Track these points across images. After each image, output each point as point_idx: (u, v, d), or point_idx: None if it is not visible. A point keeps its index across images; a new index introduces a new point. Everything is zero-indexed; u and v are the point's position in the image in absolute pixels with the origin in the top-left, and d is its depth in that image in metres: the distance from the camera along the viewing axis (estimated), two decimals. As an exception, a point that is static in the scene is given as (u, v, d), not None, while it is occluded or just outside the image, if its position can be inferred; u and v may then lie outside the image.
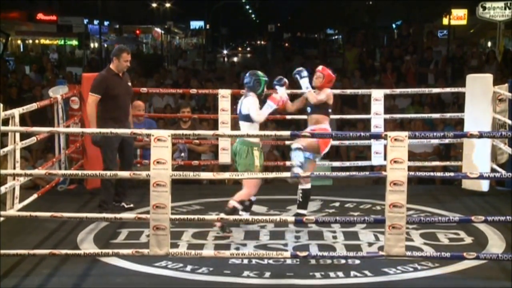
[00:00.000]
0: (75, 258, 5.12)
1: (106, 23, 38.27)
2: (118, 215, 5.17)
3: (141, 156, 8.30)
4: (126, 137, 6.35)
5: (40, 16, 32.33)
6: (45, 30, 32.89)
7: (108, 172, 5.37)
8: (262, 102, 5.94)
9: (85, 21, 32.69)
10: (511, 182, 7.30)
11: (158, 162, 4.62)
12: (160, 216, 4.65)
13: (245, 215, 5.74)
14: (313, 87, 6.14)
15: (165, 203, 4.64)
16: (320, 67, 6.27)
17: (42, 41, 35.78)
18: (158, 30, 44.66)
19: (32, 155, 9.39)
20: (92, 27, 35.22)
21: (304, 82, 6.11)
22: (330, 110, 6.17)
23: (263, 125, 7.21)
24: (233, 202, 5.76)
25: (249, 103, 5.80)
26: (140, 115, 8.33)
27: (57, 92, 7.33)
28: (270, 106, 5.82)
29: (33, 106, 6.32)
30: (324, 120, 6.09)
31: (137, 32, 44.85)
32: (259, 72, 5.95)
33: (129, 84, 6.71)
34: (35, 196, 6.31)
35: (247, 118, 5.79)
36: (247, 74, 5.94)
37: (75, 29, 28.32)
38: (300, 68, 6.22)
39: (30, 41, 35.21)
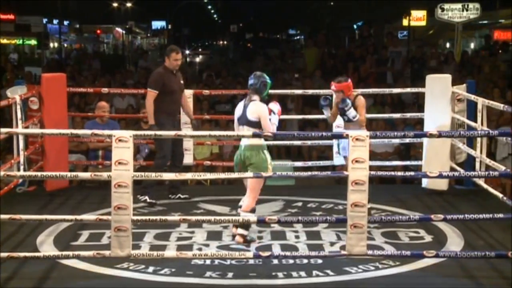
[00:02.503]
0: (34, 261, 5.03)
1: (66, 22, 37.76)
2: (78, 217, 5.11)
3: (103, 157, 8.24)
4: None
5: (-3, 15, 31.67)
6: (2, 29, 32.24)
7: (69, 173, 5.30)
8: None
9: (44, 20, 32.17)
10: (469, 181, 7.42)
11: (119, 163, 4.58)
12: (122, 217, 4.61)
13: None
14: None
15: (127, 204, 4.60)
16: (332, 86, 6.31)
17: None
18: (119, 30, 44.24)
19: (-10, 157, 9.20)
20: (51, 26, 34.67)
21: (351, 113, 6.17)
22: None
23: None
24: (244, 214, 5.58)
25: (260, 112, 5.52)
26: (104, 116, 8.28)
27: (16, 93, 7.19)
28: (277, 118, 5.63)
29: (-9, 106, 6.21)
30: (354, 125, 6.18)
31: (98, 31, 44.30)
32: (265, 75, 5.69)
33: (182, 82, 7.09)
34: (-7, 198, 6.19)
35: (255, 125, 5.53)
36: (252, 76, 5.65)
37: (34, 29, 27.84)
38: (344, 102, 6.15)
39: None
